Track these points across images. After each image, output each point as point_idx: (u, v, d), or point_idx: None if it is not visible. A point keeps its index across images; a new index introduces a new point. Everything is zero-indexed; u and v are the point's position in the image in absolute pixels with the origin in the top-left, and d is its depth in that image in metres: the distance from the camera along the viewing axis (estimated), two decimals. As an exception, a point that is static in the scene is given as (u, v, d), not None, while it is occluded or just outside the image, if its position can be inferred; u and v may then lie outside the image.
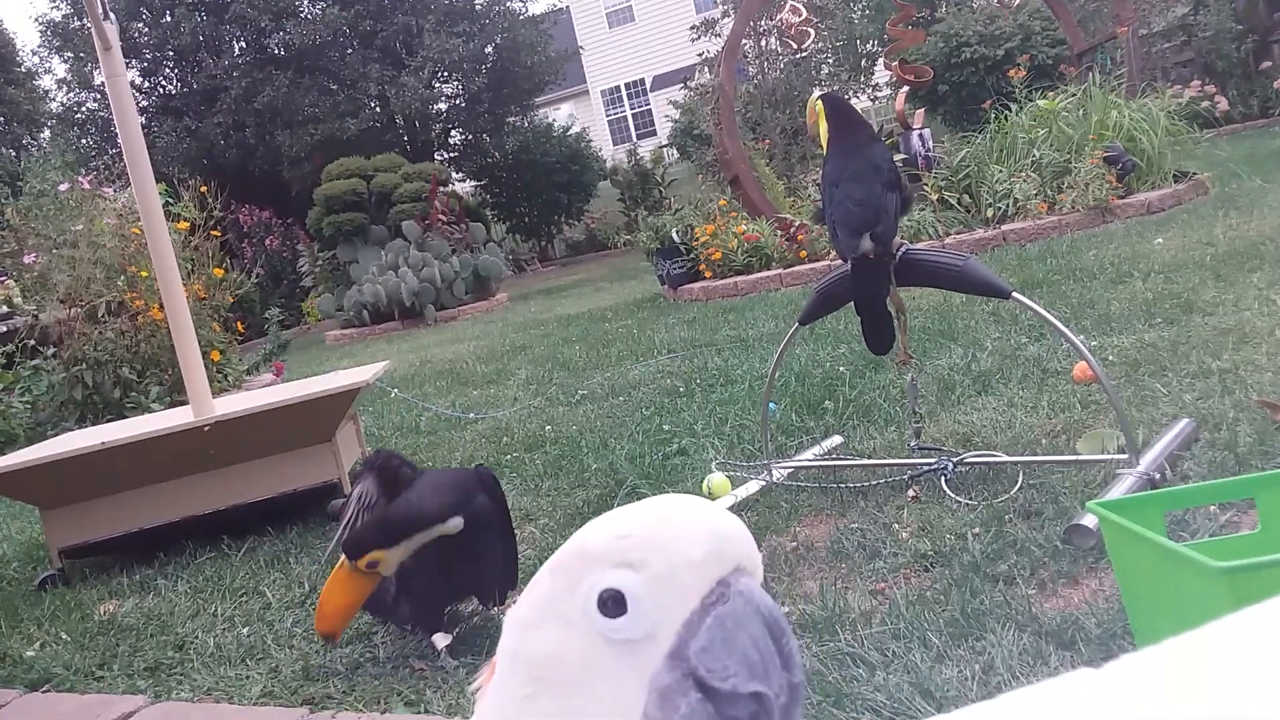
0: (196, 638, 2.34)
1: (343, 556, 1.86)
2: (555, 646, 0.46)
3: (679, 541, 0.45)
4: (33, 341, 5.59)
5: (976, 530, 2.01)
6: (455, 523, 1.93)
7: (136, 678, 2.18)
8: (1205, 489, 1.58)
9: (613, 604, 0.45)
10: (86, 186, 5.84)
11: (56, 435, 4.41)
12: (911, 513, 2.19)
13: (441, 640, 1.95)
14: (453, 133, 18.19)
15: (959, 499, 2.20)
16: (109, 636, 2.45)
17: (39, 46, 18.39)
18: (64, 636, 2.50)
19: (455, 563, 1.97)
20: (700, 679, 0.44)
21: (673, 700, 0.44)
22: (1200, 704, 0.39)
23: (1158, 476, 2.04)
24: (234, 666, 2.14)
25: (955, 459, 2.33)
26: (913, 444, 2.50)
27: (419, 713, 1.78)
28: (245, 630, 2.32)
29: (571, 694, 0.45)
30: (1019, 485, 2.18)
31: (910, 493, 2.30)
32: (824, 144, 2.38)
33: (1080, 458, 2.24)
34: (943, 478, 2.28)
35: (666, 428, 3.35)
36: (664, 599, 0.45)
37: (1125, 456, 2.09)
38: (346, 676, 1.98)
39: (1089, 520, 1.82)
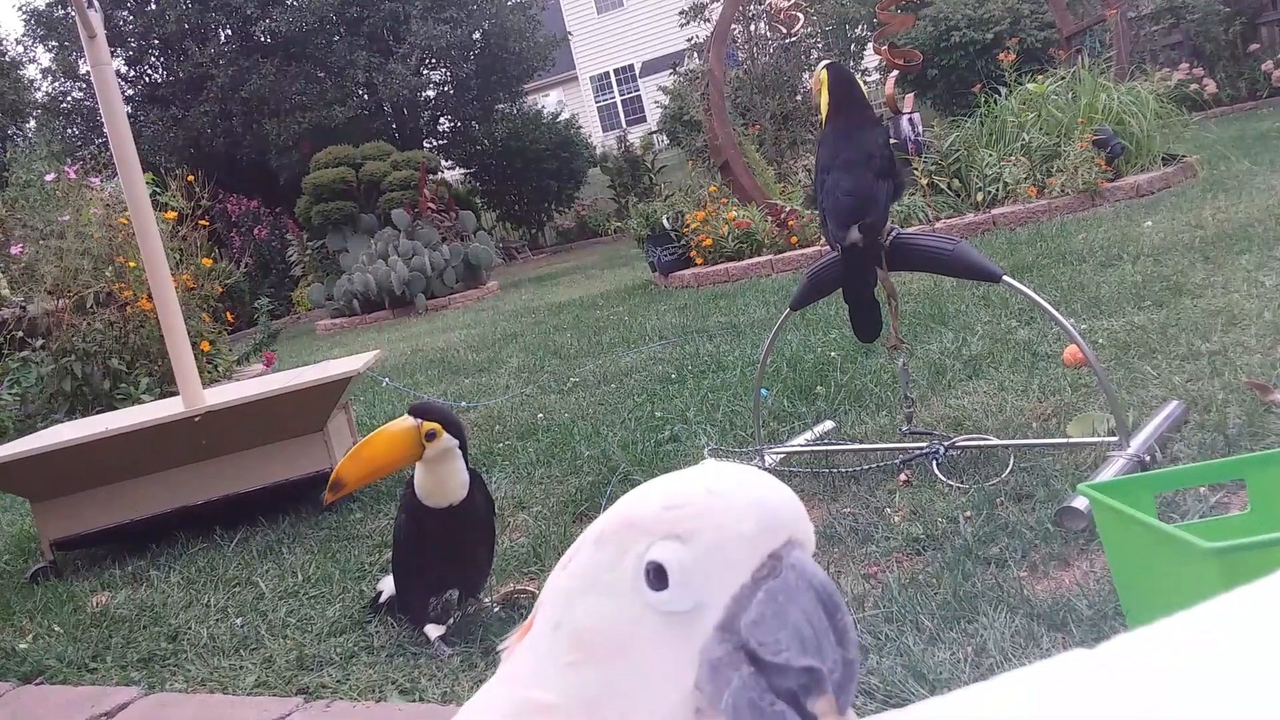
0: (190, 629, 2.33)
1: (405, 416, 1.87)
2: (603, 617, 0.46)
3: (729, 514, 0.44)
4: (21, 333, 5.56)
5: (968, 513, 2.02)
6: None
7: (130, 669, 2.18)
8: (1195, 470, 1.58)
9: (656, 576, 0.44)
10: (73, 176, 5.80)
11: (46, 427, 4.39)
12: (903, 497, 2.20)
13: (434, 631, 1.96)
14: (441, 120, 18.10)
15: (950, 483, 2.20)
16: (102, 628, 2.44)
17: (23, 35, 18.19)
18: (56, 629, 2.50)
19: (442, 555, 1.97)
20: (751, 651, 0.43)
21: (724, 673, 0.43)
22: (1191, 683, 0.39)
23: (1148, 458, 2.05)
24: (228, 657, 2.14)
25: (947, 443, 2.33)
26: (904, 428, 2.50)
27: (413, 701, 1.78)
28: (239, 620, 2.32)
29: (621, 664, 0.45)
30: (1010, 468, 2.18)
31: (902, 477, 2.31)
32: (823, 117, 2.35)
33: (1071, 440, 2.25)
34: (934, 462, 2.29)
35: (659, 414, 3.35)
36: (713, 573, 0.44)
37: (1116, 439, 2.10)
38: (341, 666, 1.98)
39: (1080, 502, 1.83)
